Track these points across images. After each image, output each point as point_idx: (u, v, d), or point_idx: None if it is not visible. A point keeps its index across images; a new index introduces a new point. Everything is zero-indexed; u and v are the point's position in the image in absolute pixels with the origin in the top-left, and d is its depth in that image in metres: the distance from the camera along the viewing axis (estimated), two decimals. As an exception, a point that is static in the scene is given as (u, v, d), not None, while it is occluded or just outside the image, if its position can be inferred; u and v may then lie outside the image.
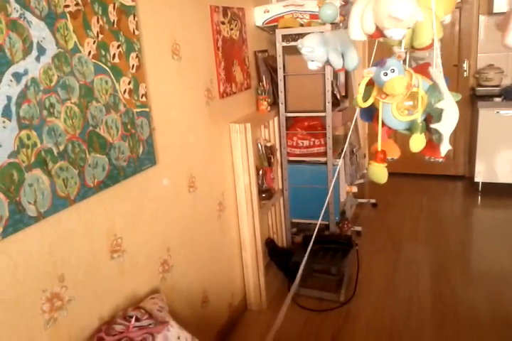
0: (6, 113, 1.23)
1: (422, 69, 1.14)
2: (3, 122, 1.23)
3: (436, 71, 1.08)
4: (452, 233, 3.80)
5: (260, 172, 2.94)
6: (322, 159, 3.08)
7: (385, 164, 1.18)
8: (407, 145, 1.14)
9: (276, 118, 3.06)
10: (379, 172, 1.17)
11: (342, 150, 3.40)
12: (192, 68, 2.19)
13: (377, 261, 3.40)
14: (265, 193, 2.97)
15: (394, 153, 1.22)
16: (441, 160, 1.15)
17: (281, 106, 3.01)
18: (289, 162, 3.16)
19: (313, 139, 3.07)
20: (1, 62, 1.21)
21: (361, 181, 4.31)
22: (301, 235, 3.37)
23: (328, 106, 2.91)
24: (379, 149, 1.18)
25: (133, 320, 1.56)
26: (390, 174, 1.22)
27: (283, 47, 2.92)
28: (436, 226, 3.93)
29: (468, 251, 3.56)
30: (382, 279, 3.15)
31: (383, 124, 1.19)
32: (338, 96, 3.27)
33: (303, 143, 3.09)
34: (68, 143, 1.44)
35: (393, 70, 1.03)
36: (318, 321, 2.75)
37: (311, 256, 2.98)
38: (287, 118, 3.08)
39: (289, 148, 3.14)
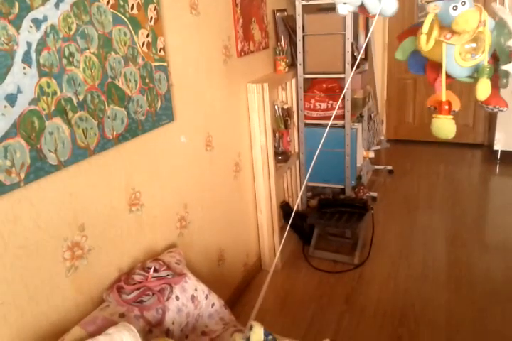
0: (26, 59, 1.23)
1: None
2: (24, 68, 1.22)
3: (502, 7, 0.99)
4: (469, 201, 3.77)
5: (277, 134, 2.92)
6: (340, 122, 3.04)
7: (452, 116, 1.10)
8: (423, 110, 1.06)
9: (293, 80, 3.02)
10: (446, 126, 1.09)
11: (360, 114, 3.37)
12: (210, 24, 2.15)
13: (393, 225, 3.40)
14: (281, 156, 2.96)
15: (456, 104, 1.14)
16: (505, 109, 1.08)
17: (300, 68, 2.96)
18: (306, 125, 3.13)
19: (331, 102, 3.03)
20: (20, 6, 1.20)
21: (378, 147, 4.27)
22: (316, 199, 3.37)
23: (348, 67, 2.86)
24: (443, 100, 1.08)
25: (151, 270, 1.59)
26: (407, 141, 1.14)
27: (302, 6, 2.85)
28: (453, 194, 3.90)
29: (485, 219, 3.54)
30: (397, 243, 3.16)
31: (439, 74, 1.08)
32: (358, 59, 3.20)
33: (320, 105, 3.05)
34: (87, 94, 1.44)
35: (464, 3, 0.94)
36: (332, 282, 2.78)
37: (326, 219, 3.00)
38: (305, 80, 3.03)
39: (306, 110, 3.10)
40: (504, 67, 0.97)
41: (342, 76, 2.92)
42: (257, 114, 2.56)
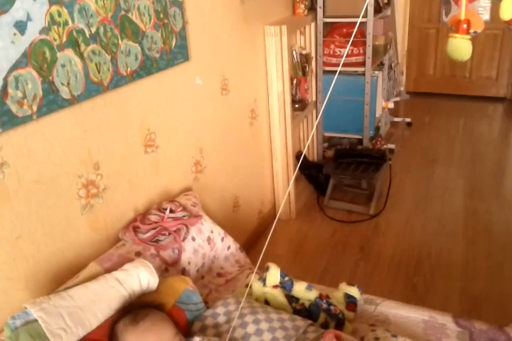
0: (35, -16, 1.16)
1: None
2: (32, -6, 1.16)
3: None
4: (489, 155, 3.69)
5: (294, 81, 2.83)
6: (360, 69, 2.93)
7: (469, 36, 1.02)
8: (445, 62, 0.97)
9: (313, 24, 2.90)
10: (462, 45, 1.00)
11: (381, 62, 3.25)
12: (227, -41, 2.04)
13: (410, 177, 3.35)
14: (298, 104, 2.89)
15: (478, 25, 1.05)
16: None
17: (319, 11, 2.83)
18: (325, 72, 3.02)
19: (351, 47, 2.92)
20: None
21: (397, 99, 4.16)
22: (333, 150, 3.31)
23: (370, 10, 2.73)
24: (462, 18, 1.00)
25: (167, 211, 1.57)
26: (427, 94, 1.05)
27: None
28: (472, 148, 3.80)
29: (504, 173, 3.47)
30: (414, 195, 3.12)
31: None
32: (381, 3, 3.06)
33: (340, 51, 2.94)
34: (100, 26, 1.37)
35: None
36: (347, 232, 2.77)
37: (343, 169, 2.95)
38: (325, 25, 2.91)
39: (326, 56, 2.99)
40: None
41: (364, 20, 2.79)
42: (275, 59, 2.47)
